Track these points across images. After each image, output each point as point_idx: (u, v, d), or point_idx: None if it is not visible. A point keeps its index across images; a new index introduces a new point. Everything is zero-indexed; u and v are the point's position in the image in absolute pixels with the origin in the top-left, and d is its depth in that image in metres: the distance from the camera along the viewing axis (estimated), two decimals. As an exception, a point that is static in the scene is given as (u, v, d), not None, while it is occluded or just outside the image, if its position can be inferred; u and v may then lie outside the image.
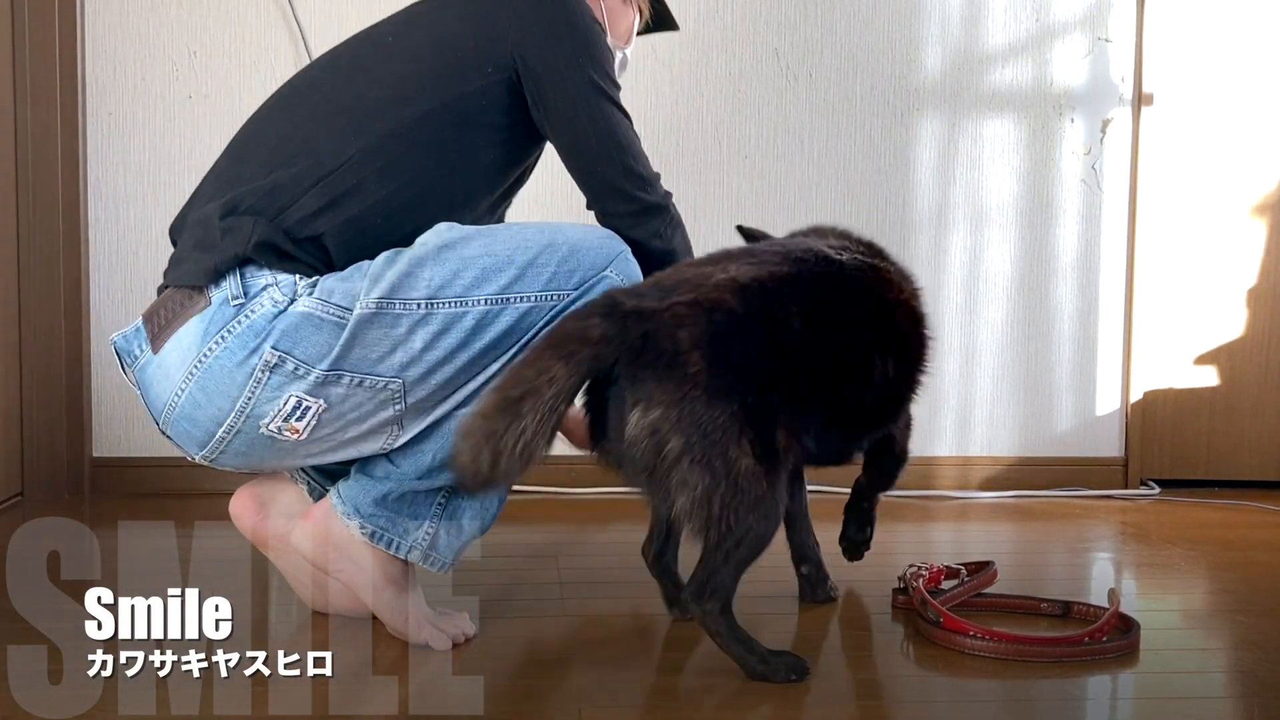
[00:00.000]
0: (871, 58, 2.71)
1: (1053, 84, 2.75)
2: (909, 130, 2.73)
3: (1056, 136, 2.76)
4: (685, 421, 1.31)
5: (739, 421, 1.33)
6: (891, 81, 2.72)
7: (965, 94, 2.74)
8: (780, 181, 2.70)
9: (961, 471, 2.78)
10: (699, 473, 1.31)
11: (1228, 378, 2.87)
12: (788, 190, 2.72)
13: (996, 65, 2.74)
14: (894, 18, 2.71)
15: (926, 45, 2.72)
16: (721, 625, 1.39)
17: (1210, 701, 1.43)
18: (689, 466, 1.31)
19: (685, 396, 1.31)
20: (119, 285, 2.58)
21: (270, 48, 2.58)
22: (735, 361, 1.34)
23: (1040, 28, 2.74)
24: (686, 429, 1.31)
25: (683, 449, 1.31)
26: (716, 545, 1.35)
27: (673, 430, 1.31)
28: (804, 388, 1.42)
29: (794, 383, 1.40)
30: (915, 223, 2.75)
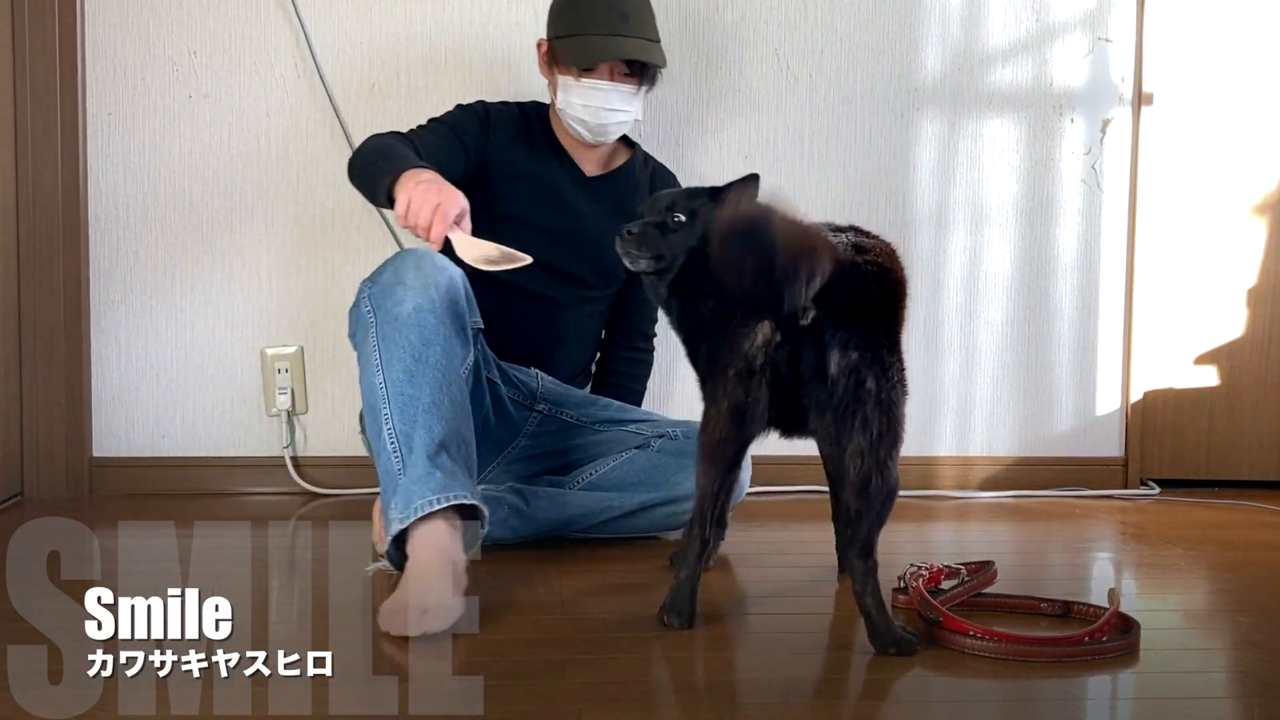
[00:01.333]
0: (871, 58, 2.71)
1: (1053, 84, 2.75)
2: (909, 130, 2.73)
3: (1056, 136, 2.76)
4: (877, 367, 1.47)
5: (903, 373, 1.53)
6: (891, 81, 2.72)
7: (965, 94, 2.74)
8: (780, 181, 2.70)
9: (961, 471, 2.78)
10: (880, 417, 1.48)
11: (1228, 378, 2.87)
12: (788, 190, 2.71)
13: (996, 65, 2.74)
14: (894, 18, 2.71)
15: (926, 45, 2.72)
16: (877, 585, 1.52)
17: (1210, 701, 1.43)
18: (873, 408, 1.47)
19: (879, 344, 1.49)
20: (119, 285, 2.58)
21: (270, 48, 2.58)
22: (896, 318, 1.55)
23: (1040, 27, 2.74)
24: (878, 374, 1.47)
25: (875, 391, 1.47)
26: (874, 497, 1.50)
27: (869, 372, 1.47)
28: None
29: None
30: (915, 222, 2.74)
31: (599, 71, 2.13)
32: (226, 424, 2.61)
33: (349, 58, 2.58)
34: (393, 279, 1.82)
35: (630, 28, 2.13)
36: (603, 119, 2.16)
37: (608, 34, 2.11)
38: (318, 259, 2.61)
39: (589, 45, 2.12)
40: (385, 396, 1.77)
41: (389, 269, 1.85)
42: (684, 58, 2.66)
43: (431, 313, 1.80)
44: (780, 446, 2.81)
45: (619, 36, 2.11)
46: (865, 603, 1.51)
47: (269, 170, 2.59)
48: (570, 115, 2.18)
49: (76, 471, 2.55)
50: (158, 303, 2.59)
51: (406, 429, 1.74)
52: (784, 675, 1.46)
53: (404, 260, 1.86)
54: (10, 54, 2.46)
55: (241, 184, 2.59)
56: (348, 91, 2.58)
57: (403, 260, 1.86)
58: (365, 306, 1.84)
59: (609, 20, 2.12)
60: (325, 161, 2.59)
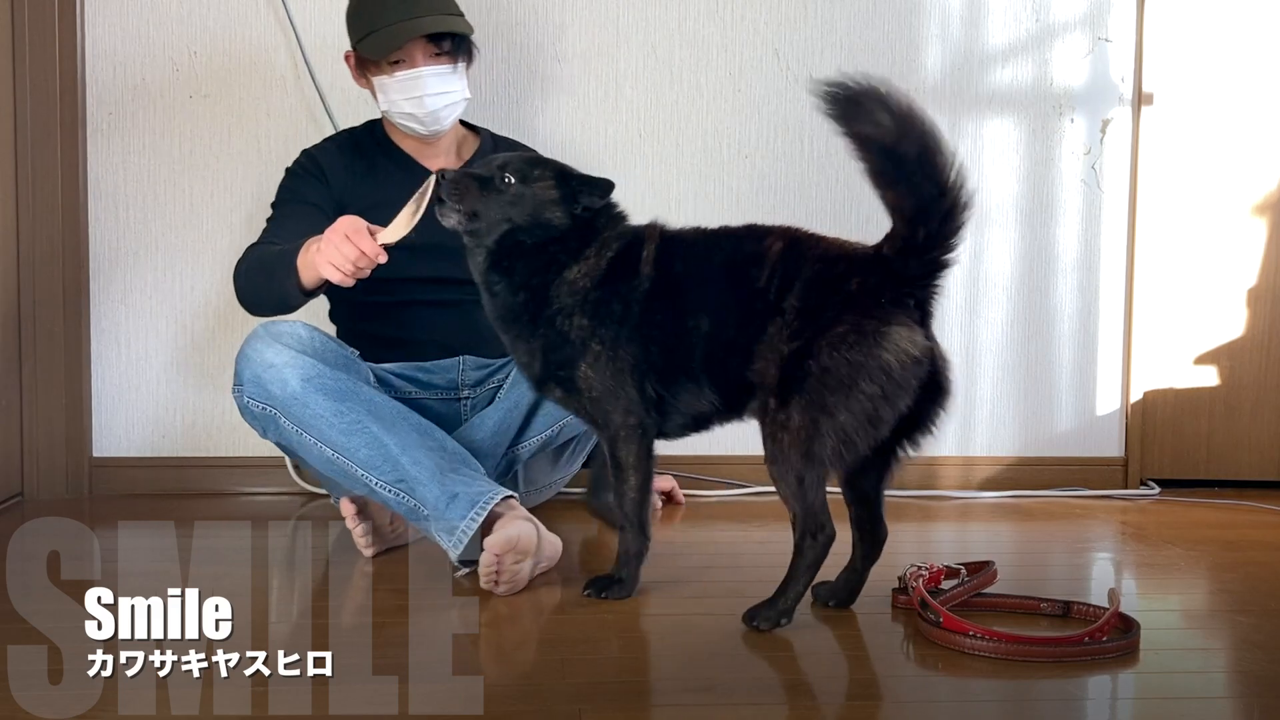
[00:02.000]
0: (871, 57, 2.71)
1: (1053, 84, 2.75)
2: (909, 130, 2.73)
3: (1056, 136, 2.76)
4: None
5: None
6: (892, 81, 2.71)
7: (965, 94, 2.74)
8: (780, 181, 2.70)
9: (962, 471, 2.78)
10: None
11: (1228, 378, 2.87)
12: (788, 190, 2.72)
13: (996, 65, 2.74)
14: (894, 17, 2.71)
15: (926, 45, 2.72)
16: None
17: (1210, 701, 1.43)
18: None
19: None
20: (119, 285, 2.58)
21: (270, 48, 2.58)
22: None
23: (1040, 28, 2.74)
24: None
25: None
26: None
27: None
28: None
29: None
30: (915, 223, 2.74)
31: (408, 59, 2.10)
32: (226, 424, 2.61)
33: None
34: (257, 369, 1.89)
35: (425, 6, 2.09)
36: (429, 106, 2.11)
37: (403, 19, 2.07)
38: (318, 259, 2.61)
39: (387, 34, 2.08)
40: (349, 465, 1.85)
41: (243, 364, 1.91)
42: (683, 57, 2.66)
43: (315, 369, 1.87)
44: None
45: (415, 19, 2.07)
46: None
47: (269, 170, 2.59)
48: (398, 114, 2.15)
49: (76, 471, 2.55)
50: (158, 303, 2.59)
51: (397, 476, 1.82)
52: (784, 675, 1.46)
53: (251, 347, 1.91)
54: (10, 54, 2.46)
55: (241, 184, 2.59)
56: (347, 93, 2.58)
57: (250, 348, 1.91)
58: (255, 408, 1.91)
59: (401, 6, 2.08)
60: (325, 161, 2.58)
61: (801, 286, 1.57)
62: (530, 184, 1.69)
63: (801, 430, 1.53)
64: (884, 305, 1.54)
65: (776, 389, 1.56)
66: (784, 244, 1.62)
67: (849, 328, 1.53)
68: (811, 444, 1.53)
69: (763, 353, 1.59)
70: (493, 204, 1.67)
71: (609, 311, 1.66)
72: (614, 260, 1.68)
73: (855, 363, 1.52)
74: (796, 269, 1.59)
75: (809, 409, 1.53)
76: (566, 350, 1.68)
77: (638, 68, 2.65)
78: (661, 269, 1.67)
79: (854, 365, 1.51)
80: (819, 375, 1.53)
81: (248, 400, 1.92)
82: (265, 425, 1.94)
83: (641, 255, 1.68)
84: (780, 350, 1.57)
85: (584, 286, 1.67)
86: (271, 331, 1.93)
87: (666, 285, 1.66)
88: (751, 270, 1.61)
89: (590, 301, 1.67)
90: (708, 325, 1.63)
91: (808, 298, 1.57)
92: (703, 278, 1.65)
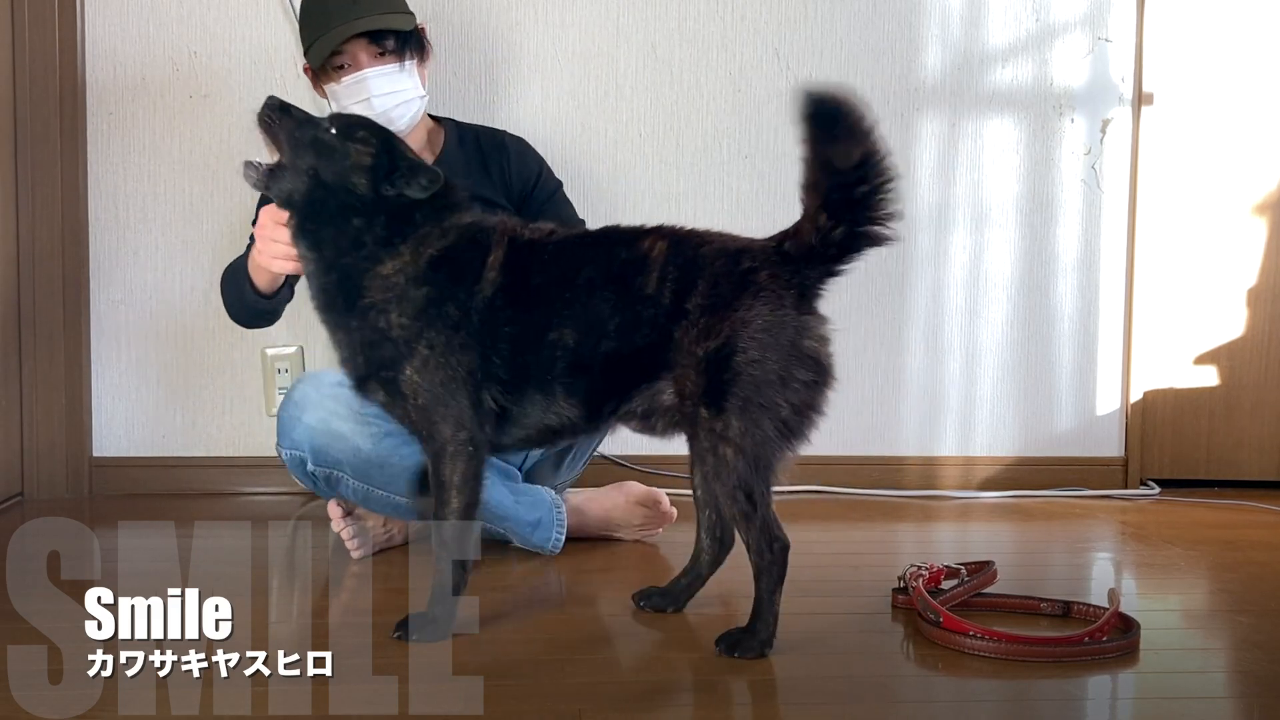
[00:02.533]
0: (871, 58, 2.71)
1: (1053, 84, 2.75)
2: (909, 130, 2.73)
3: (1056, 136, 2.76)
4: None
5: None
6: (892, 81, 2.72)
7: (965, 94, 2.74)
8: (780, 181, 2.70)
9: (962, 471, 2.78)
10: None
11: (1228, 378, 2.87)
12: (788, 190, 2.70)
13: (997, 65, 2.74)
14: (894, 18, 2.71)
15: (927, 45, 2.72)
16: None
17: (1210, 701, 1.43)
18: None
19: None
20: (119, 285, 2.58)
21: (270, 48, 2.58)
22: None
23: (1040, 28, 2.74)
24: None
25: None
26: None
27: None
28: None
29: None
30: (915, 222, 2.74)
31: (353, 63, 2.05)
32: (226, 424, 2.61)
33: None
34: (321, 439, 1.89)
35: (362, 7, 2.04)
36: (377, 107, 2.03)
37: (339, 25, 2.03)
38: (318, 259, 2.61)
39: (325, 40, 2.04)
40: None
41: (298, 430, 1.91)
42: (683, 57, 2.66)
43: (377, 428, 1.87)
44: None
45: (350, 22, 2.02)
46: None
47: (269, 170, 2.59)
48: None
49: (76, 471, 2.55)
50: (157, 302, 2.59)
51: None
52: (784, 675, 1.46)
53: (308, 414, 1.91)
54: (10, 54, 2.46)
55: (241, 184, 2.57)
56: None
57: (307, 414, 1.91)
58: (318, 472, 1.92)
59: (338, 11, 2.04)
60: (325, 161, 2.58)
61: (705, 284, 1.50)
62: (349, 141, 1.57)
63: (746, 435, 1.45)
64: (796, 295, 1.51)
65: (704, 396, 1.47)
66: (667, 244, 1.54)
67: (770, 318, 1.48)
68: (760, 449, 1.46)
69: (676, 360, 1.50)
70: (304, 147, 1.56)
71: (442, 314, 1.53)
72: (439, 260, 1.55)
73: (786, 352, 1.47)
74: (694, 267, 1.51)
75: (748, 409, 1.46)
76: (388, 349, 1.55)
77: (638, 68, 2.65)
78: (512, 277, 1.55)
79: (785, 355, 1.47)
80: (751, 370, 1.46)
81: (312, 468, 1.91)
82: (322, 484, 1.94)
83: (486, 260, 1.56)
84: (695, 354, 1.48)
85: (399, 283, 1.54)
86: (324, 393, 1.91)
87: (518, 294, 1.54)
88: (634, 278, 1.52)
89: (411, 300, 1.54)
90: (574, 338, 1.52)
91: (715, 294, 1.49)
92: (567, 288, 1.54)
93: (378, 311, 1.54)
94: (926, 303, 2.76)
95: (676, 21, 2.65)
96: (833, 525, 2.40)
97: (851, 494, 2.68)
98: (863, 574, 1.94)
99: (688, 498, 2.57)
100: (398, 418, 1.60)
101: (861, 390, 2.75)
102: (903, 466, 2.76)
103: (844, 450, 2.74)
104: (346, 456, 1.88)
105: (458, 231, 1.58)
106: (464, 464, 1.54)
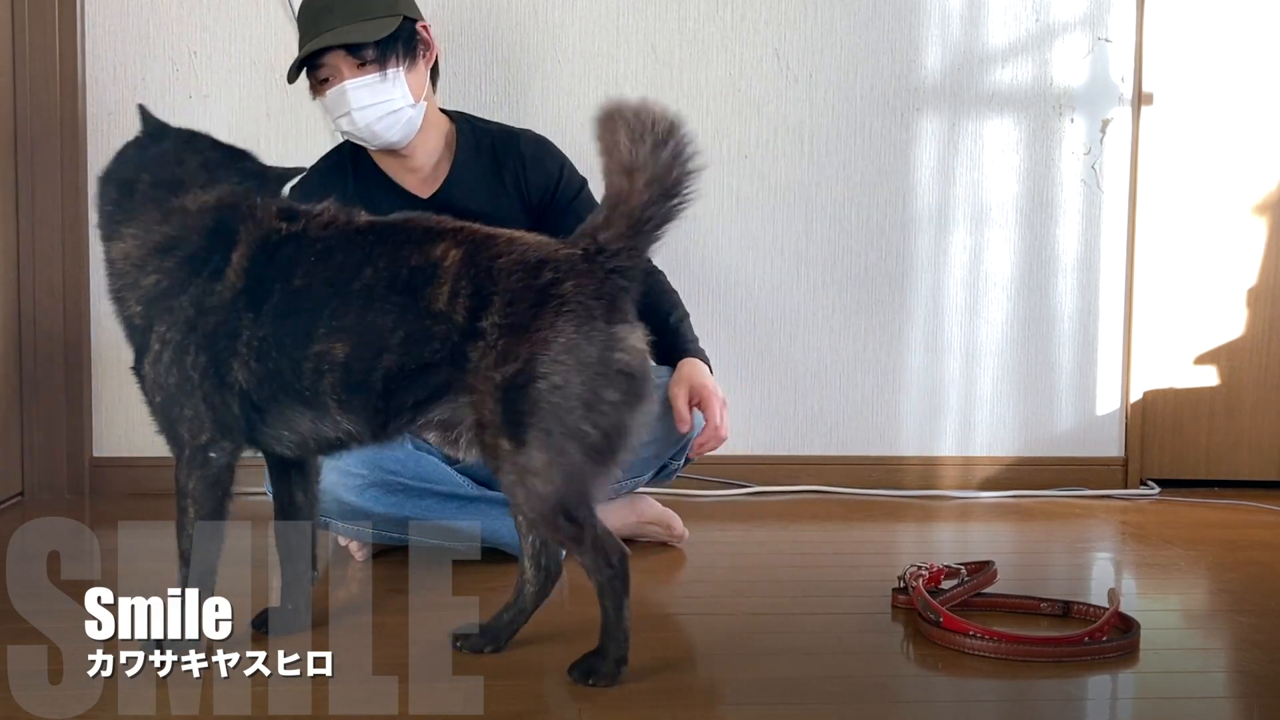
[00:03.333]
0: (871, 58, 2.71)
1: (1053, 84, 2.75)
2: (909, 130, 2.73)
3: (1056, 136, 2.76)
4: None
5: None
6: (891, 81, 2.72)
7: (965, 94, 2.74)
8: (780, 181, 2.70)
9: (962, 471, 2.78)
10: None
11: (1228, 378, 2.87)
12: (788, 190, 2.72)
13: (996, 65, 2.74)
14: (894, 18, 2.71)
15: (927, 45, 2.72)
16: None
17: (1210, 701, 1.43)
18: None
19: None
20: (119, 285, 2.58)
21: (270, 48, 2.58)
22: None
23: (1040, 28, 2.74)
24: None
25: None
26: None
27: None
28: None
29: None
30: (915, 222, 2.74)
31: (334, 75, 1.95)
32: (226, 424, 2.61)
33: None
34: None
35: (334, 18, 1.92)
36: (359, 120, 1.95)
37: (311, 39, 1.94)
38: (318, 259, 2.61)
39: (297, 60, 1.97)
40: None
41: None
42: (683, 57, 2.66)
43: (362, 478, 1.87)
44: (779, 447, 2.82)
45: (320, 36, 1.92)
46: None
47: (269, 170, 2.59)
48: (345, 133, 2.02)
49: (76, 471, 2.55)
50: (158, 303, 2.59)
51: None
52: (784, 675, 1.46)
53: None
54: (10, 54, 2.46)
55: (241, 184, 2.59)
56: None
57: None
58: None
59: (313, 25, 1.95)
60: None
61: (502, 301, 1.34)
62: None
63: (552, 467, 1.32)
64: (605, 305, 1.35)
65: (504, 426, 1.33)
66: (463, 252, 1.37)
67: (574, 335, 1.33)
68: (570, 478, 1.32)
69: (474, 385, 1.35)
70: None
71: (172, 309, 1.40)
72: (165, 248, 1.42)
73: (592, 372, 1.32)
74: (490, 281, 1.35)
75: (551, 441, 1.31)
76: (136, 338, 1.44)
77: (638, 68, 2.65)
78: (265, 276, 1.40)
79: (591, 375, 1.32)
80: (552, 397, 1.31)
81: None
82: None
83: (231, 253, 1.41)
84: (493, 379, 1.33)
85: (123, 269, 1.44)
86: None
87: (271, 297, 1.39)
88: (423, 288, 1.36)
89: (141, 288, 1.42)
90: (345, 352, 1.37)
91: (513, 312, 1.33)
92: (339, 294, 1.38)
93: (114, 294, 1.45)
94: (926, 302, 2.76)
95: (676, 21, 2.65)
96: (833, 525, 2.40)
97: (851, 494, 2.68)
98: (863, 574, 1.94)
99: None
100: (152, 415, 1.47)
101: (861, 390, 2.75)
102: (902, 466, 2.76)
103: (844, 450, 2.75)
104: (331, 506, 1.87)
105: (194, 223, 1.42)
106: (199, 473, 1.42)
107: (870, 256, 2.74)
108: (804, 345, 2.71)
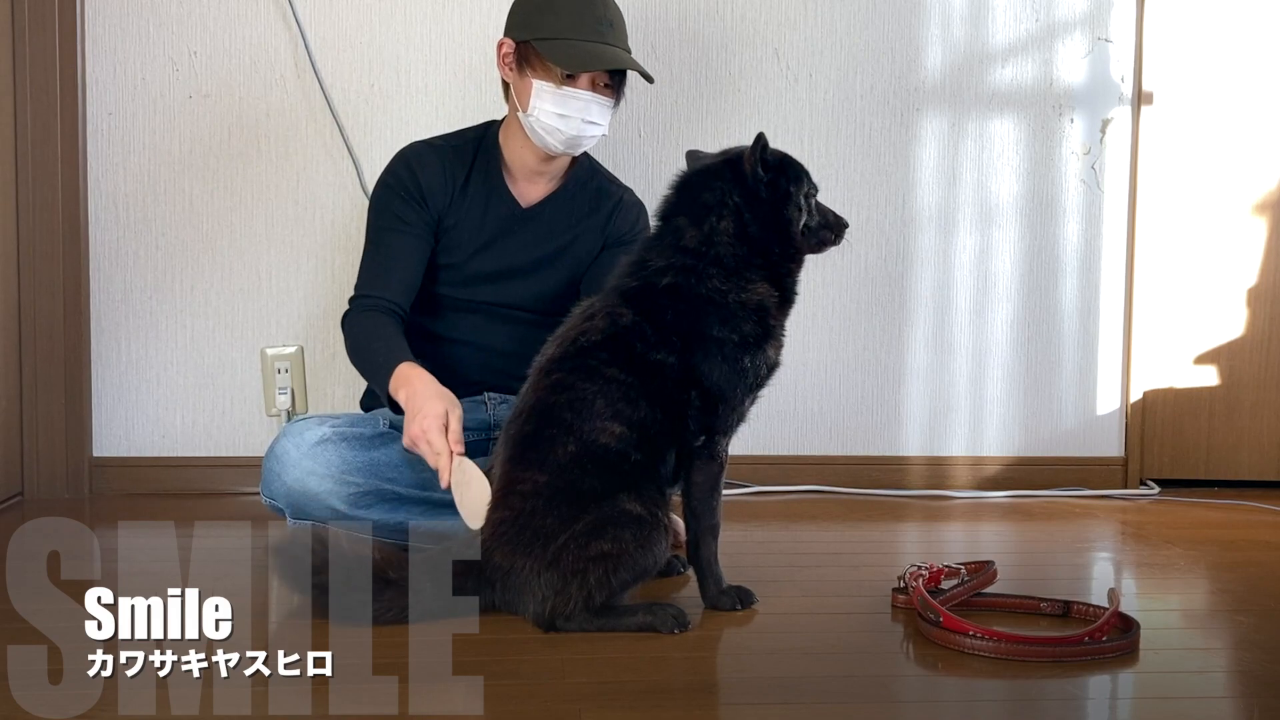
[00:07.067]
0: (871, 58, 2.71)
1: (1053, 84, 2.75)
2: (909, 130, 2.73)
3: (1057, 136, 2.76)
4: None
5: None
6: (892, 81, 2.72)
7: (966, 94, 2.74)
8: (780, 181, 2.69)
9: (962, 471, 2.78)
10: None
11: (1228, 378, 2.87)
12: (788, 190, 2.71)
13: (997, 65, 2.74)
14: (894, 17, 2.71)
15: (927, 45, 2.72)
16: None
17: (1210, 701, 1.43)
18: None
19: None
20: (119, 285, 2.58)
21: (270, 48, 2.58)
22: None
23: (1041, 28, 2.74)
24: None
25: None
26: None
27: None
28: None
29: None
30: (915, 222, 2.74)
31: (581, 80, 2.00)
32: (226, 424, 2.61)
33: (348, 57, 2.58)
34: (297, 497, 1.86)
35: (615, 37, 2.02)
36: (578, 130, 2.02)
37: (596, 41, 1.99)
38: (317, 259, 2.61)
39: (579, 50, 1.98)
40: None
41: (277, 483, 1.88)
42: (683, 57, 2.67)
43: (354, 488, 1.87)
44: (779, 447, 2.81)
45: (607, 45, 2.00)
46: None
47: (269, 170, 2.59)
48: (541, 124, 2.03)
49: (76, 471, 2.55)
50: (158, 303, 2.59)
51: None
52: (784, 675, 1.46)
53: (287, 471, 1.87)
54: (10, 54, 2.46)
55: (241, 184, 2.59)
56: (347, 91, 2.58)
57: (286, 470, 1.87)
58: (292, 521, 1.89)
59: (595, 28, 2.00)
60: (325, 162, 2.59)
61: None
62: None
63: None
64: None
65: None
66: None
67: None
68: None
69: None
70: None
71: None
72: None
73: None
74: None
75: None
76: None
77: (638, 68, 2.65)
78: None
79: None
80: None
81: (292, 521, 1.90)
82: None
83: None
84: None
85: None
86: (304, 451, 1.89)
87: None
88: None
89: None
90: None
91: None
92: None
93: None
94: (927, 302, 2.76)
95: (676, 21, 2.65)
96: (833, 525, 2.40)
97: (852, 494, 2.68)
98: (863, 574, 1.94)
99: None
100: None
101: (862, 390, 2.76)
102: (903, 466, 2.76)
103: (845, 450, 2.75)
104: (325, 515, 1.86)
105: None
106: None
107: (870, 256, 2.74)
108: (804, 345, 2.71)
